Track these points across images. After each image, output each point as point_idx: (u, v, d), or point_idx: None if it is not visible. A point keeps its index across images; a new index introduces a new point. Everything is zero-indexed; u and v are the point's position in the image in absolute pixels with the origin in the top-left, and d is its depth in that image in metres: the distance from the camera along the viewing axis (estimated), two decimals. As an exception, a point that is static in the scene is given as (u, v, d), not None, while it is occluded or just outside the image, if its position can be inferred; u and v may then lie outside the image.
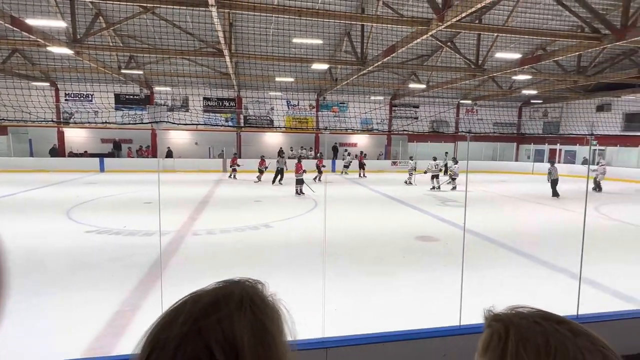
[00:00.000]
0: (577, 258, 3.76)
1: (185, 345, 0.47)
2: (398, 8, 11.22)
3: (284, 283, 5.05)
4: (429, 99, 23.84)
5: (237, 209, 10.67)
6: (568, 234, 7.79)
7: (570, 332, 0.49)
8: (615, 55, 15.88)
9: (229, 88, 21.11)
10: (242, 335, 0.49)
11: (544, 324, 0.51)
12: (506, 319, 0.53)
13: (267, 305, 0.55)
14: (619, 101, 20.17)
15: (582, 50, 11.20)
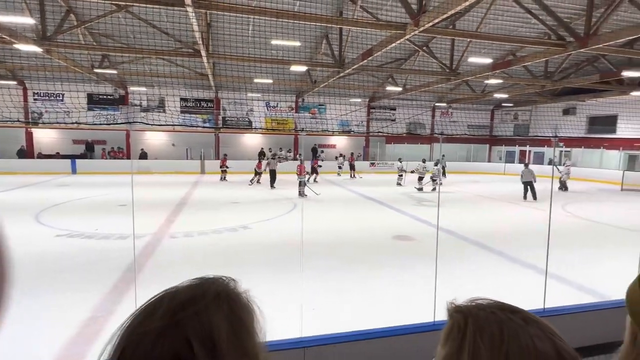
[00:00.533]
0: (544, 254, 3.99)
1: (164, 339, 0.48)
2: (375, 12, 11.44)
3: (262, 284, 5.05)
4: (405, 101, 24.34)
5: (215, 210, 10.56)
6: (536, 232, 8.13)
7: (522, 320, 0.52)
8: (580, 62, 16.72)
9: (207, 89, 20.85)
10: (220, 328, 0.50)
11: (499, 313, 0.53)
12: (466, 310, 0.55)
13: (241, 300, 0.56)
14: (583, 105, 21.27)
15: (549, 56, 11.76)
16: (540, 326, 0.52)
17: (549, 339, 0.50)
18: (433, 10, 8.08)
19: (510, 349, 0.48)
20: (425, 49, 14.61)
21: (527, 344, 0.48)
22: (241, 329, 0.53)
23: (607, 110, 19.95)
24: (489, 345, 0.49)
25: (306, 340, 2.72)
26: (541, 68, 16.41)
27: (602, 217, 10.21)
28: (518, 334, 0.49)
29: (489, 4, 11.57)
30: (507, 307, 0.55)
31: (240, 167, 21.60)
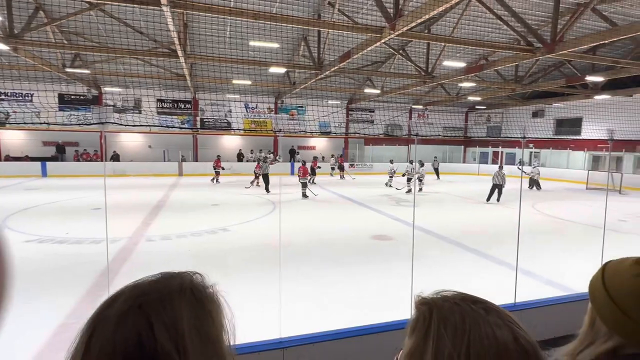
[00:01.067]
0: (516, 250, 4.18)
1: (126, 319, 0.49)
2: (353, 15, 11.61)
3: (242, 286, 5.06)
4: (383, 103, 24.74)
5: (194, 213, 10.42)
6: (508, 230, 8.46)
7: (483, 310, 0.54)
8: (547, 67, 17.49)
9: (185, 90, 20.53)
10: (183, 315, 0.51)
11: (462, 304, 0.55)
12: (431, 302, 0.57)
13: (206, 292, 0.57)
14: (550, 108, 22.27)
15: (519, 61, 12.26)
16: (500, 315, 0.54)
17: (508, 326, 0.52)
18: (409, 14, 8.31)
19: (472, 338, 0.51)
20: (401, 53, 14.93)
21: (487, 332, 0.51)
22: (206, 319, 0.53)
23: (573, 113, 20.95)
24: (452, 335, 0.52)
25: (286, 341, 2.76)
26: (512, 72, 17.07)
27: (568, 215, 10.73)
28: (479, 323, 0.52)
29: (462, 10, 11.97)
30: (470, 297, 0.58)
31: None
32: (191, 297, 0.54)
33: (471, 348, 0.50)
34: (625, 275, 0.75)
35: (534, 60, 13.43)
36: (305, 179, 13.71)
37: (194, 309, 0.53)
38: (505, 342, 0.50)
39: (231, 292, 0.59)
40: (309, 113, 23.83)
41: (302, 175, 13.66)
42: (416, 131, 7.64)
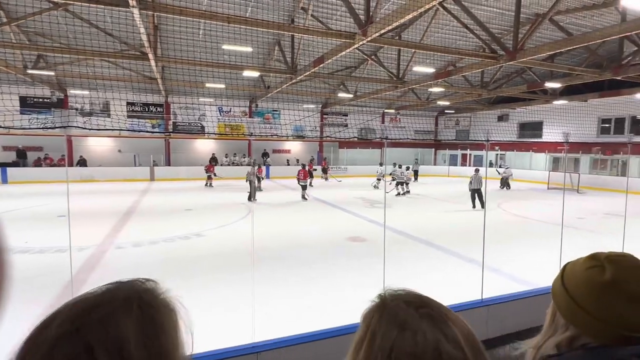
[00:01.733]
0: (486, 250, 4.40)
1: (62, 345, 0.44)
2: (326, 21, 11.82)
3: (216, 291, 5.04)
4: (357, 107, 25.16)
5: (167, 218, 10.22)
6: (476, 229, 8.82)
7: (421, 316, 0.55)
8: (510, 73, 18.41)
9: (156, 93, 20.07)
10: (128, 333, 0.47)
11: (404, 306, 0.57)
12: (383, 297, 0.60)
13: (158, 302, 0.54)
14: (514, 112, 23.43)
15: (484, 67, 12.86)
16: (436, 323, 0.54)
17: (435, 336, 0.52)
18: (379, 21, 8.56)
19: (397, 340, 0.52)
20: (374, 58, 15.29)
21: (410, 337, 0.52)
22: (156, 334, 0.50)
23: (534, 117, 22.15)
24: (383, 333, 0.54)
25: (259, 345, 2.79)
26: (478, 78, 17.85)
27: (531, 214, 11.32)
28: (408, 327, 0.53)
29: (431, 17, 12.44)
30: (418, 301, 0.58)
31: (194, 173, 20.99)
32: (138, 312, 0.50)
33: (393, 350, 0.52)
34: (579, 269, 0.82)
35: (498, 67, 14.13)
36: (305, 181, 14.12)
37: (142, 325, 0.49)
38: (424, 351, 0.51)
39: (203, 298, 0.61)
40: (283, 117, 23.88)
41: (302, 178, 14.08)
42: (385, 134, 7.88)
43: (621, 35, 9.72)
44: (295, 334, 3.00)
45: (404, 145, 25.87)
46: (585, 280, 0.79)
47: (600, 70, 13.12)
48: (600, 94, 17.01)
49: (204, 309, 4.49)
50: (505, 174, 17.69)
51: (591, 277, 0.78)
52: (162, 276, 0.58)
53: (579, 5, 11.58)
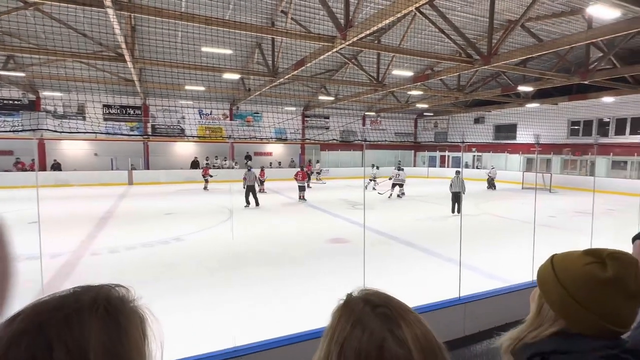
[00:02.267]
0: (463, 248, 4.52)
1: (21, 340, 0.44)
2: (306, 24, 11.90)
3: (197, 296, 4.99)
4: (338, 110, 25.36)
5: (145, 223, 10.03)
6: (455, 228, 9.06)
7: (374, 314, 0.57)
8: (485, 77, 18.97)
9: (134, 95, 19.65)
10: (91, 335, 0.46)
11: (363, 305, 0.59)
12: (350, 295, 0.62)
13: (126, 308, 0.53)
14: (489, 115, 24.15)
15: (460, 71, 13.21)
16: (389, 323, 0.55)
17: (381, 337, 0.53)
18: (359, 25, 8.70)
19: (347, 337, 0.55)
20: (354, 61, 15.47)
21: (359, 335, 0.54)
22: (120, 339, 0.49)
23: (509, 120, 22.90)
24: (340, 330, 0.57)
25: (240, 349, 2.77)
26: (455, 82, 18.32)
27: (506, 213, 11.70)
28: (358, 326, 0.55)
29: (409, 22, 12.71)
30: (376, 300, 0.59)
31: (174, 177, 20.65)
32: (104, 315, 0.49)
33: (344, 346, 0.54)
34: (578, 265, 0.83)
35: (474, 71, 14.54)
36: (303, 182, 14.49)
37: (106, 328, 0.48)
38: (368, 348, 0.52)
39: (184, 303, 0.61)
40: (265, 119, 23.80)
41: (300, 179, 14.49)
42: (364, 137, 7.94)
43: (587, 42, 10.19)
44: (277, 336, 2.99)
45: (385, 147, 26.24)
46: (585, 275, 0.81)
47: (569, 74, 13.72)
48: (569, 97, 17.77)
49: (184, 313, 4.46)
50: (490, 175, 18.36)
51: (592, 273, 0.80)
52: (139, 282, 0.60)
53: (549, 12, 12.09)
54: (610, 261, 0.80)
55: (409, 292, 4.84)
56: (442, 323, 3.78)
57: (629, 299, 0.78)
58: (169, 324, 4.00)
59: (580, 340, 0.80)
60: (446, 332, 3.78)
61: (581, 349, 0.78)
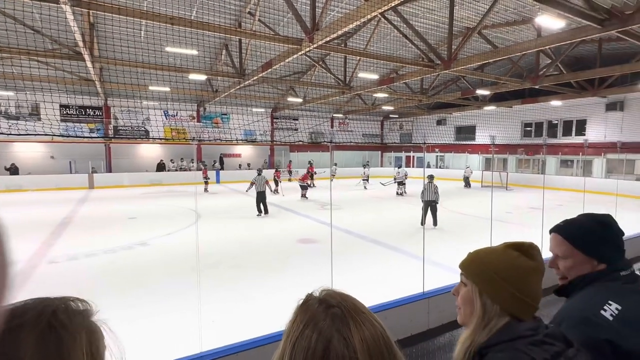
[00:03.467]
0: (427, 245, 4.72)
1: None
2: (273, 26, 11.95)
3: (162, 301, 4.94)
4: (306, 111, 25.52)
5: (107, 228, 9.66)
6: (419, 226, 9.42)
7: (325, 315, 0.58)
8: (447, 81, 19.84)
9: (94, 95, 18.79)
10: (27, 350, 0.45)
11: (316, 305, 0.60)
12: (309, 296, 0.63)
13: (72, 322, 0.51)
14: (451, 117, 25.24)
15: (423, 75, 13.76)
16: (336, 323, 0.56)
17: (328, 337, 0.54)
18: (325, 28, 8.88)
19: (299, 336, 0.56)
20: (321, 64, 15.69)
21: (309, 335, 0.55)
22: (60, 354, 0.48)
23: (468, 122, 24.05)
24: (295, 326, 0.58)
25: (206, 355, 2.75)
26: (418, 85, 19.02)
27: (467, 210, 12.30)
28: (310, 325, 0.56)
29: (374, 27, 13.08)
30: (331, 301, 0.60)
31: (138, 180, 19.96)
32: (45, 330, 0.48)
33: (295, 346, 0.56)
34: (509, 258, 0.92)
35: (435, 75, 15.18)
36: (304, 182, 14.96)
37: (44, 345, 0.47)
38: (315, 347, 0.54)
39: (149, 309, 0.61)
40: (233, 121, 23.52)
41: (301, 179, 15.00)
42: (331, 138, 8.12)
43: (537, 49, 10.97)
44: (244, 340, 2.98)
45: (353, 148, 26.71)
46: (520, 267, 0.91)
47: (521, 79, 14.65)
48: (522, 100, 18.95)
49: (149, 320, 4.40)
50: (466, 174, 19.31)
51: (525, 265, 0.91)
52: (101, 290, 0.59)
53: (503, 21, 12.88)
54: (532, 252, 0.93)
55: (375, 289, 5.06)
56: (408, 317, 3.92)
57: (541, 278, 0.93)
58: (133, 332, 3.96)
59: (507, 329, 0.87)
60: (411, 326, 3.94)
61: (509, 337, 0.85)
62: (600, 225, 1.20)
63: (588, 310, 1.08)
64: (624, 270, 1.16)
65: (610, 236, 1.19)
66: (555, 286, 1.26)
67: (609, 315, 1.05)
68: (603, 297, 1.10)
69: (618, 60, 13.45)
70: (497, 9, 11.64)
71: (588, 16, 7.79)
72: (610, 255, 1.18)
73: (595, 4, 7.82)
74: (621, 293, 1.11)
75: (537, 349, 0.83)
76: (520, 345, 0.83)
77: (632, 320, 1.06)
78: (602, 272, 1.16)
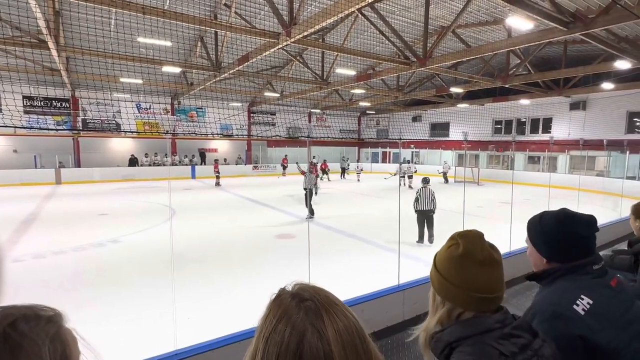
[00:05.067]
0: (403, 238, 4.80)
1: None
2: (250, 19, 11.78)
3: (136, 299, 4.84)
4: (284, 107, 25.38)
5: (77, 225, 9.29)
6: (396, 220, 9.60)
7: (298, 309, 0.57)
8: (422, 78, 20.20)
9: (61, 86, 17.93)
10: None
11: (290, 299, 0.59)
12: (281, 291, 0.62)
13: (33, 331, 0.50)
14: (426, 114, 25.79)
15: (399, 72, 13.96)
16: (311, 317, 0.56)
17: (302, 330, 0.54)
18: (303, 23, 8.84)
19: (272, 331, 0.56)
20: (299, 59, 15.62)
21: (282, 329, 0.55)
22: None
23: (443, 118, 24.66)
24: (268, 322, 0.57)
25: (181, 352, 2.71)
26: (394, 82, 19.29)
27: (440, 204, 12.62)
28: (283, 319, 0.56)
29: (351, 23, 13.13)
30: (303, 294, 0.60)
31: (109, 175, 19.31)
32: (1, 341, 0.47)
33: (269, 341, 0.55)
34: (443, 250, 0.97)
35: (411, 72, 15.42)
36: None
37: None
38: (289, 341, 0.53)
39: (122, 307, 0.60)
40: (209, 115, 23.07)
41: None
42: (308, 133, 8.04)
43: (507, 49, 11.36)
44: (220, 336, 2.95)
45: (330, 143, 26.82)
46: (447, 257, 0.94)
47: (493, 78, 15.15)
48: (493, 99, 19.61)
49: (122, 319, 4.31)
50: (444, 169, 19.87)
51: (451, 254, 0.94)
52: (70, 289, 0.56)
53: (476, 21, 13.24)
54: (460, 240, 0.94)
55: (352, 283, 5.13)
56: (383, 310, 3.99)
57: (480, 267, 0.90)
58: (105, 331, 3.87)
59: (475, 322, 0.89)
60: (387, 318, 4.01)
61: (478, 331, 0.87)
62: (550, 222, 1.23)
63: (561, 304, 1.11)
64: (595, 264, 1.19)
65: (560, 234, 1.20)
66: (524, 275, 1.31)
67: (581, 310, 1.08)
68: (576, 292, 1.12)
69: (582, 62, 14.13)
70: (471, 9, 11.94)
71: (555, 18, 8.13)
72: (555, 252, 1.21)
73: (562, 7, 8.18)
74: (592, 287, 1.14)
75: (506, 342, 0.85)
76: (488, 339, 0.85)
77: (602, 315, 1.08)
78: (575, 265, 1.18)
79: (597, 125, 17.62)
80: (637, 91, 15.00)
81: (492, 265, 0.91)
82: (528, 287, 4.74)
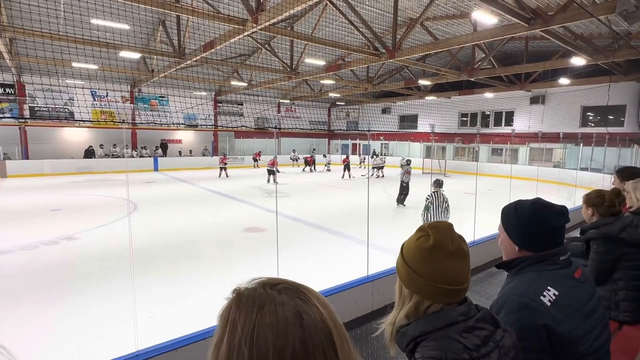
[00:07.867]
0: (371, 230, 4.80)
1: None
2: (216, 4, 11.25)
3: (94, 300, 4.54)
4: (252, 96, 24.78)
5: (26, 222, 8.61)
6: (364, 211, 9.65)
7: (276, 292, 0.56)
8: (391, 70, 20.37)
9: (3, 71, 16.44)
10: None
11: (259, 288, 0.57)
12: (237, 290, 0.59)
13: None
14: (395, 106, 26.12)
15: (368, 63, 13.93)
16: (293, 293, 0.56)
17: (294, 304, 0.54)
18: (270, 9, 8.54)
19: (258, 318, 0.53)
20: (267, 47, 15.20)
21: (270, 310, 0.53)
22: None
23: (411, 111, 25.08)
24: (243, 319, 0.53)
25: (143, 353, 2.62)
26: (364, 73, 19.30)
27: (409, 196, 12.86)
28: (265, 304, 0.54)
29: (320, 11, 12.90)
30: (272, 282, 0.59)
31: (62, 168, 18.13)
32: None
33: (257, 328, 0.51)
34: (412, 241, 0.96)
35: (381, 64, 15.47)
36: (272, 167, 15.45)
37: None
38: (285, 318, 0.52)
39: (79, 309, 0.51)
40: (172, 104, 22.07)
41: (270, 164, 15.75)
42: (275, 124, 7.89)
43: (473, 43, 11.59)
44: (185, 334, 2.86)
45: (300, 135, 26.57)
46: (416, 249, 0.93)
47: (459, 72, 15.50)
48: (460, 92, 20.14)
49: (79, 319, 4.05)
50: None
51: (421, 246, 0.92)
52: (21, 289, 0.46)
53: (443, 14, 13.41)
54: (430, 231, 0.93)
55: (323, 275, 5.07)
56: (353, 301, 4.00)
57: (450, 258, 0.89)
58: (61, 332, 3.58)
59: (439, 316, 0.89)
60: (356, 309, 4.02)
61: (442, 325, 0.87)
62: (525, 211, 1.24)
63: (528, 295, 1.14)
64: (562, 255, 1.22)
65: (535, 223, 1.22)
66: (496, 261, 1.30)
67: (547, 301, 1.12)
68: (543, 283, 1.16)
69: (541, 58, 14.76)
70: (438, 1, 12.06)
71: (517, 14, 8.36)
72: (528, 241, 1.24)
73: (523, 3, 8.41)
74: (558, 278, 1.18)
75: (469, 335, 0.86)
76: (452, 332, 0.86)
77: (566, 306, 1.13)
78: (544, 255, 1.21)
79: (554, 119, 18.57)
80: (591, 87, 15.88)
81: (461, 256, 0.91)
82: (491, 274, 4.91)
